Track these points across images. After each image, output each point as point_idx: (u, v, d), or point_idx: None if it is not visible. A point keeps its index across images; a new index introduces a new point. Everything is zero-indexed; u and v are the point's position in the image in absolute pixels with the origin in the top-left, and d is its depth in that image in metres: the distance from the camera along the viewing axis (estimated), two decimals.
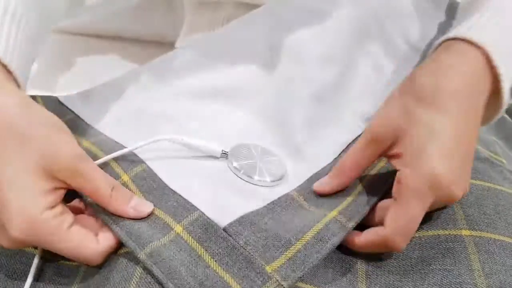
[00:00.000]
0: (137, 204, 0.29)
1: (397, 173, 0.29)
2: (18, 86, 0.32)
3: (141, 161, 0.32)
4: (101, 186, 0.28)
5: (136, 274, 0.26)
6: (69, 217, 0.28)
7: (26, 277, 0.29)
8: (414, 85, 0.32)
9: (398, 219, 0.28)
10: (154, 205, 0.29)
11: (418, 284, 0.27)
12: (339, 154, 0.37)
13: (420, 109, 0.30)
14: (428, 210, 0.29)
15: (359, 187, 0.32)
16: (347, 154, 0.32)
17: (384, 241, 0.28)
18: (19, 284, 0.29)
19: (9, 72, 0.31)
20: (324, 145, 0.37)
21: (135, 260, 0.27)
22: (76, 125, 0.39)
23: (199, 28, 0.56)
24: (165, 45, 0.76)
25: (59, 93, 0.56)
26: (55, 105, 0.42)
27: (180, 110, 0.38)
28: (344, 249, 0.30)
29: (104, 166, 0.32)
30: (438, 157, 0.28)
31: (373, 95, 0.40)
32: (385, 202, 0.31)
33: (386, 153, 0.32)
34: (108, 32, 0.74)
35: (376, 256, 0.30)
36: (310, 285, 0.28)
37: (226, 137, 0.36)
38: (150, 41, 0.77)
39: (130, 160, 0.33)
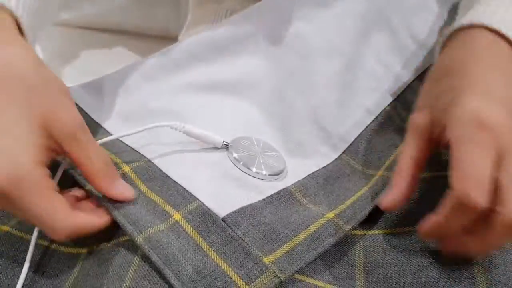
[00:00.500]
0: (122, 186, 0.29)
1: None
2: None
3: (143, 156, 0.32)
4: (93, 157, 0.27)
5: (134, 262, 0.26)
6: (54, 184, 0.27)
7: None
8: (441, 68, 0.32)
9: (459, 179, 0.24)
10: (155, 193, 0.29)
11: (417, 276, 0.26)
12: (342, 152, 0.37)
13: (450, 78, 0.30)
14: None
15: (362, 190, 0.32)
16: (400, 158, 0.30)
17: (459, 198, 0.24)
18: (18, 272, 0.29)
19: (20, 28, 0.31)
20: (326, 141, 0.37)
21: (133, 249, 0.26)
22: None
23: (203, 21, 0.56)
24: (169, 39, 0.76)
25: None
26: None
27: (184, 103, 0.38)
28: (343, 241, 0.30)
29: None
30: (475, 94, 0.27)
31: (379, 90, 0.40)
32: None
33: (441, 141, 0.29)
34: (112, 25, 0.74)
35: (375, 248, 0.29)
36: (307, 276, 0.27)
37: (229, 130, 0.36)
38: (155, 35, 0.77)
39: (132, 154, 0.33)
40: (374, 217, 0.31)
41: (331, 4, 0.42)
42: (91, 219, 0.27)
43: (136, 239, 0.26)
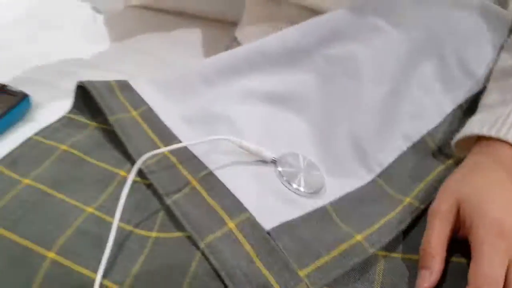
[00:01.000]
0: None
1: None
2: None
3: (205, 166, 0.38)
4: None
5: (196, 258, 0.32)
6: None
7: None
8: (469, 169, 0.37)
9: (477, 276, 0.29)
10: (214, 201, 0.35)
11: None
12: (377, 176, 0.41)
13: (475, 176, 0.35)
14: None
15: (390, 216, 0.37)
16: (432, 242, 0.33)
17: None
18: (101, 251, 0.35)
19: None
20: (363, 163, 0.41)
21: (196, 246, 0.33)
22: (149, 118, 0.45)
23: (260, 20, 0.59)
24: (226, 23, 0.80)
25: (127, 68, 0.62)
26: (130, 93, 0.48)
27: (240, 111, 0.43)
28: (366, 260, 0.35)
29: (171, 168, 0.39)
30: (498, 206, 0.32)
31: (420, 117, 0.43)
32: None
33: (462, 230, 0.34)
34: (175, 7, 0.79)
35: (394, 271, 0.34)
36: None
37: (278, 141, 0.41)
38: (212, 18, 0.81)
39: (196, 164, 0.39)
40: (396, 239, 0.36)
41: (388, 30, 0.44)
42: None
43: (199, 244, 0.32)
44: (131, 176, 0.37)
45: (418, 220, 0.38)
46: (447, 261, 0.33)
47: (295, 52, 0.46)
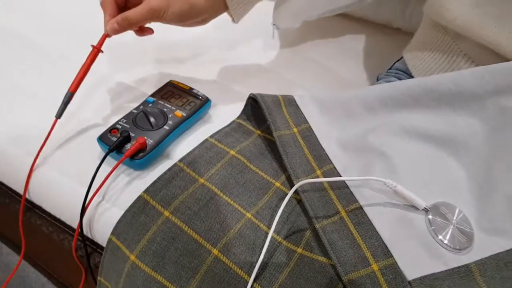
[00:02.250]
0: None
1: None
2: None
3: (356, 200, 0.41)
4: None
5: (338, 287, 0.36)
6: None
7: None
8: None
9: None
10: (361, 239, 0.39)
11: None
12: None
13: None
14: None
15: None
16: None
17: None
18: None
19: None
20: None
21: (339, 275, 0.37)
22: (308, 137, 0.49)
23: (427, 47, 0.57)
24: (390, 28, 0.79)
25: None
26: (294, 109, 0.52)
27: (397, 148, 0.45)
28: None
29: (323, 192, 0.42)
30: None
31: None
32: None
33: None
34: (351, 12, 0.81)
35: None
36: None
37: (434, 185, 0.41)
38: (378, 23, 0.81)
39: (347, 195, 0.42)
40: None
41: None
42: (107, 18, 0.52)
43: (342, 277, 0.36)
44: (288, 196, 0.42)
45: None
46: None
47: (468, 95, 0.45)
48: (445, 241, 0.38)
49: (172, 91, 0.57)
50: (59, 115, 0.52)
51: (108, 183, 0.49)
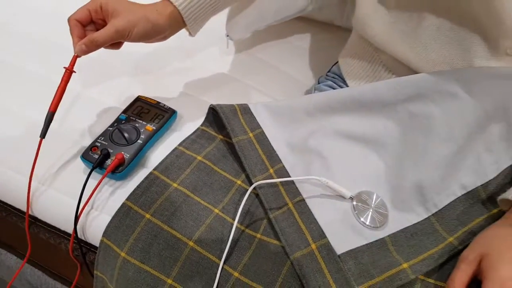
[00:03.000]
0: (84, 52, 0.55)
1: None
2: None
3: (300, 193, 0.52)
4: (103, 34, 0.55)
5: (287, 263, 0.47)
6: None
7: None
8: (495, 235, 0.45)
9: None
10: (304, 224, 0.49)
11: None
12: (431, 214, 0.51)
13: (501, 238, 0.44)
14: None
15: (433, 250, 0.47)
16: (451, 279, 0.44)
17: None
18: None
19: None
20: (422, 203, 0.51)
21: (288, 255, 0.48)
22: (262, 140, 0.59)
23: (355, 56, 0.68)
24: (331, 25, 0.89)
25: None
26: (249, 116, 0.62)
27: (331, 148, 0.55)
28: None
29: (275, 188, 0.53)
30: (508, 266, 0.42)
31: (480, 172, 0.52)
32: None
33: (480, 275, 0.44)
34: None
35: None
36: None
37: (360, 177, 0.53)
38: (321, 21, 0.90)
39: (293, 190, 0.52)
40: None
41: (463, 97, 0.52)
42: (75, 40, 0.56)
43: (290, 257, 0.47)
44: (247, 194, 0.53)
45: (453, 257, 0.48)
46: None
47: (383, 102, 0.56)
48: (366, 222, 0.50)
49: (141, 106, 0.65)
50: (43, 134, 0.59)
51: (94, 194, 0.57)
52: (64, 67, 0.58)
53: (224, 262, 0.51)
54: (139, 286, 0.52)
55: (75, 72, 0.58)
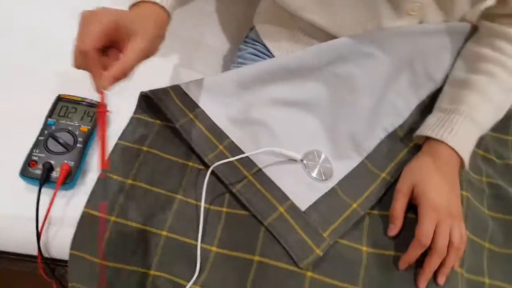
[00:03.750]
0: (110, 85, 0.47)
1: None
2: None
3: (255, 165, 0.57)
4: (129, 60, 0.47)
5: (262, 229, 0.53)
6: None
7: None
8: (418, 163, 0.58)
9: (419, 233, 0.52)
10: (267, 192, 0.55)
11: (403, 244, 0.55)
12: (365, 158, 0.61)
13: (423, 168, 0.56)
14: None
15: (373, 187, 0.58)
16: (393, 208, 0.56)
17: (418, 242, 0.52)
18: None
19: None
20: (356, 150, 0.61)
21: (260, 222, 0.54)
22: (204, 119, 0.61)
23: (273, 21, 0.72)
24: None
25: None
26: (184, 97, 0.63)
27: (272, 116, 0.61)
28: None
29: (232, 165, 0.57)
30: (435, 190, 0.54)
31: (396, 115, 0.63)
32: None
33: (414, 201, 0.55)
34: None
35: (374, 222, 0.57)
36: (342, 239, 0.55)
37: (302, 139, 0.60)
38: None
39: (248, 162, 0.57)
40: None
41: (378, 55, 0.61)
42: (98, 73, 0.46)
43: (264, 222, 0.53)
44: (207, 176, 0.56)
45: (388, 189, 0.60)
46: (405, 217, 0.57)
47: (310, 68, 0.62)
48: (317, 177, 0.58)
49: (66, 106, 0.61)
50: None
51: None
52: (97, 110, 0.50)
53: (201, 242, 0.55)
54: (122, 286, 0.54)
55: (109, 111, 0.51)
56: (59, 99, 0.62)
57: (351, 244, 0.56)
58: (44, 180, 0.54)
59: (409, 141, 0.63)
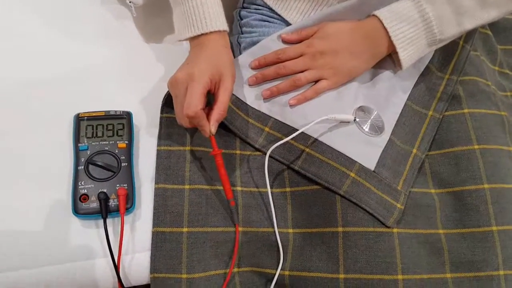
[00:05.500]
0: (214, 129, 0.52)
1: None
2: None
3: (309, 136, 0.55)
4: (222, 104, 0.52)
5: (338, 199, 0.53)
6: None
7: None
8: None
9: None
10: (332, 161, 0.54)
11: None
12: (405, 102, 0.61)
13: None
14: None
15: (424, 127, 0.59)
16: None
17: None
18: None
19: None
20: (398, 98, 0.60)
21: (334, 192, 0.53)
22: (240, 106, 0.58)
23: None
24: None
25: None
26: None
27: None
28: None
29: (285, 144, 0.55)
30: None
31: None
32: None
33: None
34: None
35: (436, 161, 0.59)
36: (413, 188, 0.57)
37: (345, 100, 0.58)
38: None
39: (302, 136, 0.55)
40: None
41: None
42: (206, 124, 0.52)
43: (339, 192, 0.53)
44: (266, 160, 0.54)
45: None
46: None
47: None
48: (371, 131, 0.57)
49: (91, 124, 0.55)
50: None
51: (114, 238, 0.51)
52: (211, 153, 0.54)
53: (278, 228, 0.54)
54: None
55: (223, 151, 0.55)
56: (80, 119, 0.55)
57: (421, 190, 0.57)
58: (106, 212, 0.49)
59: (443, 73, 0.63)
